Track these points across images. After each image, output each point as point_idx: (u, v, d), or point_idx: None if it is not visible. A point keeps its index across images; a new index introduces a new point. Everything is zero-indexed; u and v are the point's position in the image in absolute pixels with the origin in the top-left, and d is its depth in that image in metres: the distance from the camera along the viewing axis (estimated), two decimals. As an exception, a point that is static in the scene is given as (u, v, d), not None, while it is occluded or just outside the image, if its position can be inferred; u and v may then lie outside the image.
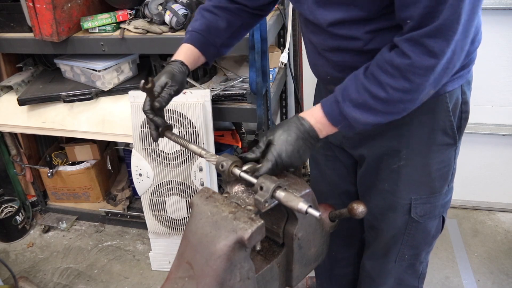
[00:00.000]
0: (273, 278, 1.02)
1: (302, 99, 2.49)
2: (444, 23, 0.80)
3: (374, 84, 0.89)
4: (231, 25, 1.20)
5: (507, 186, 2.41)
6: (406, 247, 1.26)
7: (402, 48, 0.85)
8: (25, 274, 2.26)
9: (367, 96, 0.90)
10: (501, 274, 2.06)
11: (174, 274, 0.93)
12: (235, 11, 1.20)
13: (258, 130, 1.93)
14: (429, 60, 0.83)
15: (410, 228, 1.22)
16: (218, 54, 1.23)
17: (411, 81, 0.85)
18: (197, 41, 1.17)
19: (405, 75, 0.85)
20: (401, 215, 1.21)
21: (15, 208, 2.50)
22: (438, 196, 1.19)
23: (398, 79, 0.86)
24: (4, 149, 2.44)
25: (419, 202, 1.18)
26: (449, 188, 1.21)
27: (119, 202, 2.56)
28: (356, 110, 0.91)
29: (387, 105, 0.89)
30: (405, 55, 0.85)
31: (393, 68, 0.86)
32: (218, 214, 0.89)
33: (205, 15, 1.19)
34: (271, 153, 0.93)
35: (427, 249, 1.29)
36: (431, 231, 1.24)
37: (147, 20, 1.89)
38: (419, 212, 1.19)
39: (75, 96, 2.07)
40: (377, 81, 0.88)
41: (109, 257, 2.36)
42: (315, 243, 1.08)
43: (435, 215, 1.22)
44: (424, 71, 0.84)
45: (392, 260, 1.30)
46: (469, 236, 2.30)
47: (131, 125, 1.93)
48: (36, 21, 1.86)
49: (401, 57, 0.85)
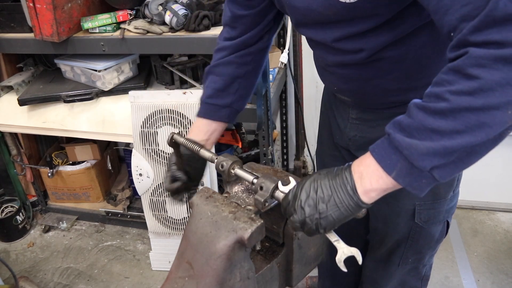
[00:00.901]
0: (273, 278, 1.02)
1: (302, 99, 2.49)
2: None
3: (430, 99, 0.68)
4: (233, 79, 1.16)
5: (506, 186, 2.41)
6: (410, 251, 1.25)
7: (452, 56, 0.67)
8: (26, 274, 2.27)
9: (423, 114, 0.68)
10: (500, 274, 2.06)
11: (174, 274, 0.93)
12: (235, 61, 1.15)
13: (258, 130, 1.93)
14: (495, 50, 0.61)
15: (413, 232, 1.21)
16: (235, 111, 1.20)
17: (478, 77, 0.62)
18: (206, 112, 1.16)
19: (467, 72, 0.63)
20: (405, 220, 1.19)
21: (15, 208, 2.50)
22: (443, 202, 1.17)
23: (458, 80, 0.65)
24: (5, 149, 2.45)
25: (423, 208, 1.16)
26: (455, 193, 1.19)
27: (119, 202, 2.56)
28: (411, 137, 0.69)
29: (452, 119, 0.65)
30: (460, 52, 0.65)
31: (448, 73, 0.66)
32: (218, 214, 0.89)
33: (209, 78, 1.16)
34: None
35: (430, 252, 1.29)
36: (435, 236, 1.23)
37: (147, 20, 1.89)
38: (423, 218, 1.18)
39: (75, 96, 2.07)
40: (433, 94, 0.68)
41: (109, 257, 2.36)
42: (315, 243, 1.08)
43: (439, 220, 1.20)
44: (493, 61, 0.61)
45: (395, 263, 1.30)
46: (468, 236, 2.30)
47: (131, 125, 1.93)
48: (37, 21, 1.87)
49: (456, 55, 0.66)
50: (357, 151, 1.23)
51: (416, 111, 0.69)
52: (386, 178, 0.73)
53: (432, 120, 0.67)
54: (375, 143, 0.76)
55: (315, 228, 0.79)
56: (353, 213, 0.78)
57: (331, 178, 0.78)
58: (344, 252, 0.83)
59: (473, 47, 0.63)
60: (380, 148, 0.74)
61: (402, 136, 0.70)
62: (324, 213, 0.77)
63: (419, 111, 0.69)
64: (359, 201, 0.76)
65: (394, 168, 0.72)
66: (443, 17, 0.68)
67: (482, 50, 0.61)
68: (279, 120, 2.58)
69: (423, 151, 0.68)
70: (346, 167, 0.79)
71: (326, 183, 0.78)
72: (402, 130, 0.71)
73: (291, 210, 0.81)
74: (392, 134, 0.72)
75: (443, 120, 0.66)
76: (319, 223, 0.78)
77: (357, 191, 0.76)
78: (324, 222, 0.78)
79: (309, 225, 0.79)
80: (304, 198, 0.79)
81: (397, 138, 0.71)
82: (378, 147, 0.75)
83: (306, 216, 0.78)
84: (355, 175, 0.76)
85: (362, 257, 0.82)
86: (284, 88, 2.43)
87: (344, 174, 0.77)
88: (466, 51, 0.63)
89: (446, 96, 0.65)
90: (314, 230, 0.79)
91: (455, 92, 0.64)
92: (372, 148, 0.76)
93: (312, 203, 0.78)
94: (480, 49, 0.62)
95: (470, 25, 0.63)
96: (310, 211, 0.78)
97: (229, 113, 1.18)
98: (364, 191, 0.76)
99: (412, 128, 0.69)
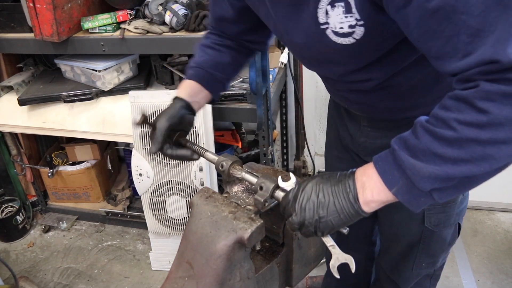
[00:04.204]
0: (273, 278, 1.02)
1: (302, 99, 2.49)
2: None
3: (437, 123, 0.68)
4: (235, 60, 1.16)
5: (506, 186, 2.41)
6: (423, 255, 1.24)
7: (459, 87, 0.67)
8: (26, 274, 2.27)
9: (429, 138, 0.68)
10: (500, 274, 2.06)
11: (174, 273, 0.93)
12: (236, 48, 1.16)
13: (258, 130, 1.94)
14: (505, 86, 0.62)
15: (425, 236, 1.20)
16: (223, 90, 1.19)
17: (487, 111, 0.63)
18: (203, 79, 1.12)
19: (476, 105, 0.63)
20: (415, 224, 1.18)
21: (15, 208, 2.50)
22: (453, 206, 1.15)
23: (466, 110, 0.65)
24: (5, 149, 2.45)
25: (433, 212, 1.15)
26: (464, 196, 1.18)
27: (119, 202, 2.56)
28: (415, 158, 0.70)
29: (458, 148, 0.66)
30: (469, 85, 0.65)
31: (458, 102, 0.66)
32: (218, 214, 0.89)
33: (208, 51, 1.14)
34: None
35: (443, 255, 1.28)
36: (447, 239, 1.22)
37: (147, 20, 1.89)
38: (433, 222, 1.16)
39: (75, 96, 2.07)
40: (440, 119, 0.68)
41: (109, 257, 2.36)
42: (315, 243, 1.09)
43: (451, 224, 1.19)
44: (503, 97, 0.62)
45: (409, 268, 1.28)
46: (468, 236, 2.30)
47: (131, 125, 1.93)
48: (37, 21, 1.87)
49: (464, 87, 0.66)
50: (366, 156, 1.22)
51: (423, 133, 0.69)
52: (387, 191, 0.74)
53: (438, 146, 0.67)
54: (379, 155, 0.76)
55: (313, 231, 0.80)
56: (352, 220, 0.78)
57: (333, 183, 0.79)
58: (339, 259, 0.84)
59: (484, 82, 0.63)
60: (384, 162, 0.75)
61: (406, 156, 0.71)
62: (324, 218, 0.78)
63: (425, 133, 0.69)
64: (359, 210, 0.77)
65: (395, 185, 0.73)
66: (445, 64, 0.68)
67: (493, 85, 0.62)
68: (279, 120, 2.58)
69: (426, 174, 0.69)
70: (349, 174, 0.79)
71: (328, 188, 0.78)
72: (407, 148, 0.71)
73: (291, 211, 0.81)
74: (397, 151, 0.72)
75: (449, 148, 0.66)
76: (318, 226, 0.79)
77: (358, 200, 0.76)
78: (322, 226, 0.79)
79: (307, 228, 0.79)
80: (305, 200, 0.79)
81: (401, 156, 0.71)
82: (382, 160, 0.75)
83: (305, 218, 0.79)
84: (357, 184, 0.77)
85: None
86: (284, 88, 2.43)
87: (348, 181, 0.78)
88: (476, 84, 0.64)
89: (453, 125, 0.65)
90: (312, 232, 0.80)
91: (463, 122, 0.65)
92: (376, 160, 0.76)
93: (312, 206, 0.78)
94: (491, 84, 0.62)
95: (481, 69, 0.63)
96: (310, 214, 0.78)
97: (219, 89, 1.17)
98: (365, 201, 0.76)
99: (418, 149, 0.70)
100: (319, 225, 0.78)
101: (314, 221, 0.78)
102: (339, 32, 0.79)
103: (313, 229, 0.79)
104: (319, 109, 2.59)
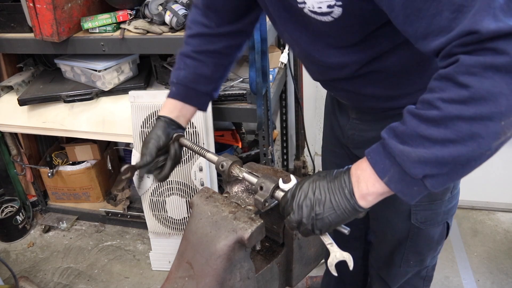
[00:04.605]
0: (273, 278, 1.02)
1: (302, 99, 2.49)
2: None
3: (423, 106, 0.68)
4: (218, 67, 1.14)
5: (506, 186, 2.41)
6: (410, 252, 1.25)
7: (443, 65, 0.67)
8: (26, 274, 2.27)
9: (416, 121, 0.68)
10: (500, 274, 2.06)
11: (174, 274, 0.93)
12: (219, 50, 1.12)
13: (258, 130, 1.94)
14: (487, 56, 0.61)
15: (412, 233, 1.20)
16: (211, 98, 1.19)
17: (469, 86, 0.62)
18: (185, 96, 1.12)
19: (457, 80, 0.63)
20: (402, 221, 1.19)
21: (15, 208, 2.50)
22: (440, 203, 1.15)
23: (449, 87, 0.64)
24: (5, 149, 2.45)
25: (419, 209, 1.15)
26: (453, 195, 1.17)
27: (119, 202, 2.56)
28: (404, 144, 0.70)
29: (444, 127, 0.65)
30: (451, 61, 0.65)
31: (441, 80, 0.66)
32: (218, 214, 0.90)
33: (188, 62, 1.12)
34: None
35: (432, 254, 1.28)
36: (434, 237, 1.23)
37: (147, 20, 1.89)
38: (419, 219, 1.17)
39: (75, 96, 2.07)
40: (426, 101, 0.68)
41: (109, 257, 2.36)
42: (315, 243, 1.09)
43: (438, 222, 1.19)
44: (483, 70, 0.61)
45: (397, 265, 1.29)
46: (468, 236, 2.30)
47: (131, 125, 1.93)
48: (37, 21, 1.87)
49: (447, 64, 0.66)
50: (355, 149, 1.24)
51: (410, 118, 0.70)
52: (381, 182, 0.74)
53: (424, 128, 0.67)
54: (371, 147, 0.76)
55: (311, 229, 0.80)
56: (349, 216, 0.78)
57: (329, 180, 0.79)
58: (337, 256, 0.84)
59: (463, 55, 0.63)
60: (375, 153, 0.75)
61: (395, 143, 0.71)
62: (321, 215, 0.78)
63: (412, 118, 0.69)
64: (356, 205, 0.77)
65: (386, 173, 0.73)
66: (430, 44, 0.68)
67: (472, 58, 0.62)
68: (279, 120, 2.58)
69: (415, 158, 0.68)
70: (345, 170, 0.80)
71: (325, 185, 0.79)
72: (396, 136, 0.71)
73: (289, 209, 0.81)
74: (386, 139, 0.72)
75: (435, 128, 0.66)
76: (315, 224, 0.79)
77: (354, 195, 0.76)
78: (319, 223, 0.79)
79: (305, 225, 0.80)
80: (302, 198, 0.79)
81: (390, 144, 0.71)
82: (373, 151, 0.75)
83: (303, 216, 0.79)
84: (352, 179, 0.77)
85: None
86: (284, 88, 2.43)
87: (343, 177, 0.78)
88: (457, 58, 0.63)
89: (437, 104, 0.65)
90: (309, 230, 0.80)
91: (447, 100, 0.64)
92: (368, 152, 0.76)
93: (309, 203, 0.79)
94: (470, 57, 0.62)
95: (460, 41, 0.63)
96: (307, 211, 0.79)
97: (205, 101, 1.17)
98: (361, 195, 0.76)
99: (406, 135, 0.69)
100: (316, 222, 0.79)
101: (311, 219, 0.79)
102: (317, 11, 0.80)
103: (310, 226, 0.79)
104: (319, 109, 2.59)
